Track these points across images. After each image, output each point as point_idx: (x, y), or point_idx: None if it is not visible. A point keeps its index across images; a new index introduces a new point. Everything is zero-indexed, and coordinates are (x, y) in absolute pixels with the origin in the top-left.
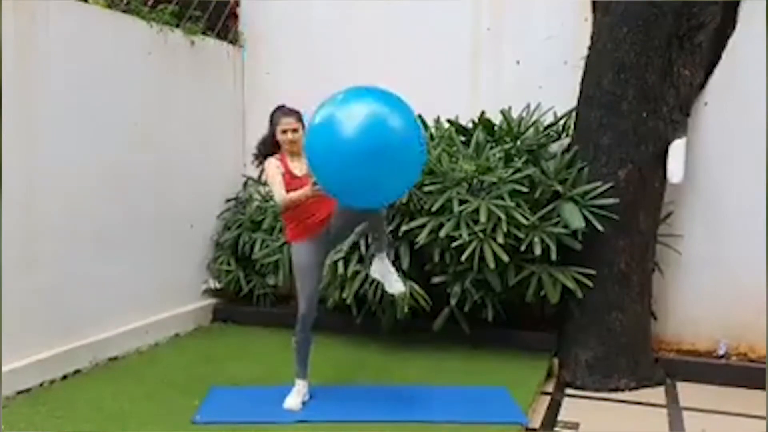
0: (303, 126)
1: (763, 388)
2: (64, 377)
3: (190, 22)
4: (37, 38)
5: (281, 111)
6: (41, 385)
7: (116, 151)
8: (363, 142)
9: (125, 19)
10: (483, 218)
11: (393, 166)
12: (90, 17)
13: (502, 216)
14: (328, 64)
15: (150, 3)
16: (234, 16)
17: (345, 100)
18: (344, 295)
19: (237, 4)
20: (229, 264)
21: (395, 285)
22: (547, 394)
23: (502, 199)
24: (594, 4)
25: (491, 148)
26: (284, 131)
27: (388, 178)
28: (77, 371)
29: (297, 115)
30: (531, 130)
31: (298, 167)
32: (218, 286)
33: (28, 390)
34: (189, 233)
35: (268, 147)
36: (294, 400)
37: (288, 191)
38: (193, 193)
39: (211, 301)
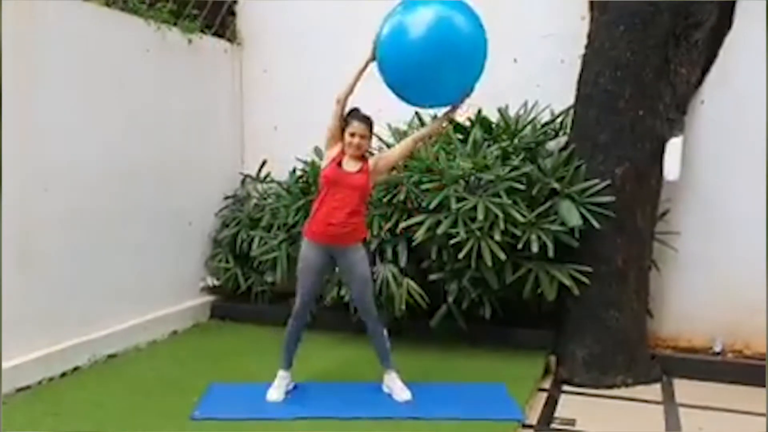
0: (371, 136)
1: (758, 384)
2: (63, 374)
3: (188, 20)
4: (35, 37)
5: (356, 115)
6: (40, 382)
7: (114, 149)
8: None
9: (123, 17)
10: (480, 216)
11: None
12: (88, 16)
13: (500, 214)
14: (326, 61)
15: (148, 1)
16: (232, 14)
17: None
18: (341, 293)
19: (235, 2)
20: (227, 261)
21: (401, 395)
22: (544, 390)
23: (500, 196)
24: (591, 3)
25: (489, 146)
26: (353, 134)
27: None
28: (76, 368)
29: (370, 124)
30: (528, 128)
31: (351, 164)
32: (216, 283)
33: (27, 387)
34: (187, 231)
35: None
36: (275, 392)
37: (325, 176)
38: (191, 190)
39: (209, 298)
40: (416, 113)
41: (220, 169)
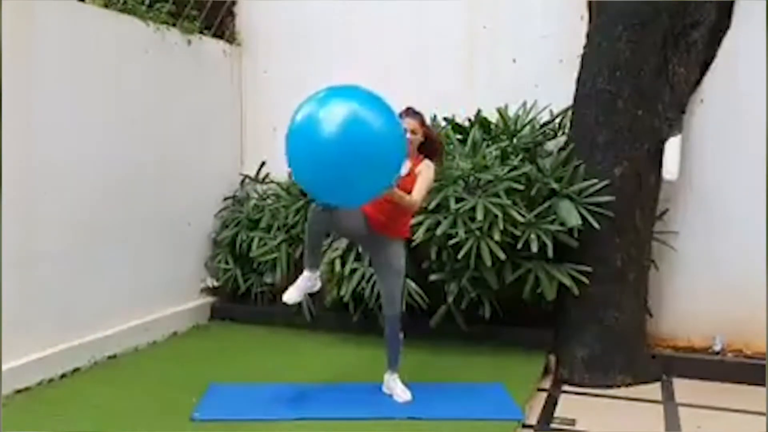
0: (422, 131)
1: (758, 383)
2: (63, 376)
3: (187, 21)
4: (34, 38)
5: (406, 111)
6: (40, 383)
7: (114, 150)
8: (340, 143)
9: (122, 18)
10: (480, 216)
11: (369, 167)
12: (87, 17)
13: (499, 214)
14: (325, 62)
15: (147, 2)
16: (231, 14)
17: (324, 99)
18: (342, 293)
19: (234, 3)
20: (227, 262)
21: (402, 396)
22: (543, 390)
23: (499, 196)
24: (590, 3)
25: (488, 146)
26: (404, 130)
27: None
28: (76, 370)
29: (420, 118)
30: (527, 128)
31: (404, 166)
32: (216, 284)
33: (27, 389)
34: (187, 231)
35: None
36: (294, 291)
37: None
38: (190, 191)
39: (209, 299)
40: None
41: (219, 170)
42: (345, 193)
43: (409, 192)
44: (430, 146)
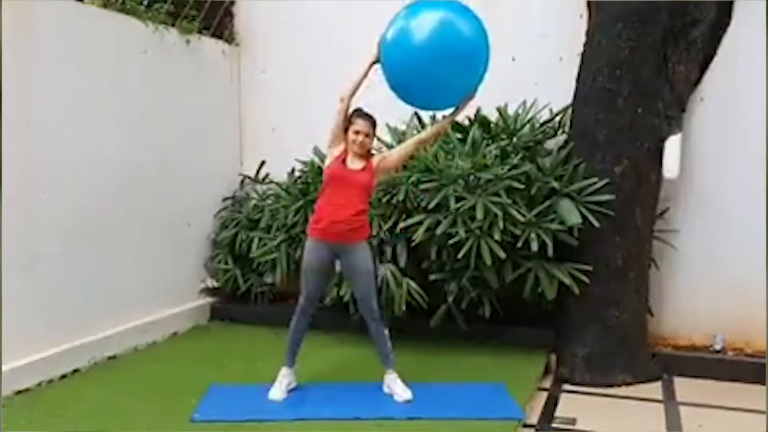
0: (374, 135)
1: (759, 382)
2: (63, 377)
3: (186, 21)
4: (33, 38)
5: (360, 113)
6: (40, 384)
7: (113, 151)
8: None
9: (121, 18)
10: (479, 215)
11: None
12: (86, 17)
13: (499, 213)
14: (324, 62)
15: (146, 2)
16: (229, 14)
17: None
18: (341, 293)
19: (232, 3)
20: (226, 263)
21: (402, 395)
22: (544, 390)
23: (499, 196)
24: (589, 2)
25: (487, 145)
26: (357, 132)
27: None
28: (76, 371)
29: (373, 122)
30: (527, 127)
31: (355, 163)
32: (216, 284)
33: (27, 390)
34: (186, 232)
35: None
36: (277, 391)
37: (330, 175)
38: (190, 191)
39: (208, 299)
40: (415, 113)
41: (218, 171)
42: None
43: (368, 189)
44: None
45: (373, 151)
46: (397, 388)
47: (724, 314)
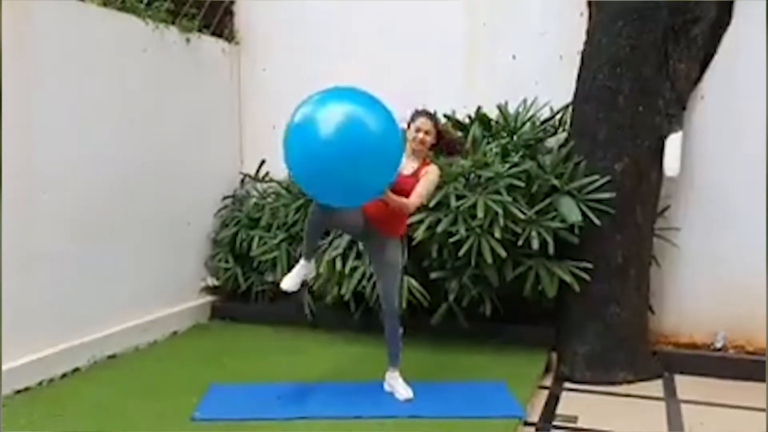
0: (437, 131)
1: (760, 380)
2: (63, 376)
3: (186, 20)
4: (32, 37)
5: (420, 112)
6: (40, 384)
7: (112, 149)
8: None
9: (120, 16)
10: (480, 213)
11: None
12: (85, 16)
13: (499, 211)
14: (324, 60)
15: (145, 0)
16: (230, 13)
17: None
18: (342, 292)
19: (232, 1)
20: (227, 261)
21: (403, 394)
22: (545, 388)
23: (499, 194)
24: (589, 0)
25: (488, 143)
26: (418, 129)
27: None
28: (76, 370)
29: (434, 119)
30: (527, 124)
31: (408, 165)
32: (216, 283)
33: (27, 389)
34: (187, 231)
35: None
36: (290, 279)
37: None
38: (190, 190)
39: (209, 298)
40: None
41: (218, 169)
42: (341, 194)
43: (409, 193)
44: (449, 146)
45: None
46: (398, 386)
47: (725, 312)
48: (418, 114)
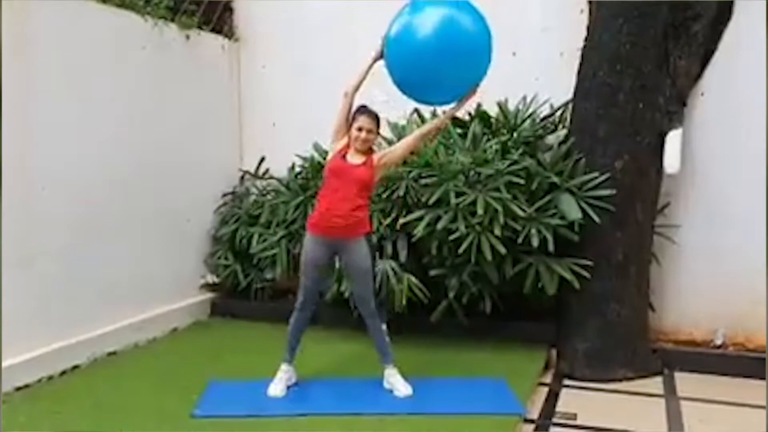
0: (378, 132)
1: (760, 377)
2: (63, 373)
3: (186, 16)
4: (31, 35)
5: (364, 110)
6: (40, 381)
7: (112, 146)
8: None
9: (120, 13)
10: (480, 210)
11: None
12: (84, 12)
13: (499, 208)
14: (324, 57)
15: None
16: (229, 9)
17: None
18: (342, 289)
19: None
20: (226, 258)
21: (403, 390)
22: (545, 385)
23: (499, 191)
24: None
25: (488, 140)
26: (360, 128)
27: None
28: (76, 367)
29: (377, 119)
30: (527, 122)
31: (356, 158)
32: (216, 280)
33: (26, 386)
34: (186, 228)
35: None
36: (276, 387)
37: (330, 169)
38: (189, 187)
39: (209, 295)
40: (415, 110)
41: (218, 166)
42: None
43: (367, 184)
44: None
45: (374, 147)
46: (397, 383)
47: (725, 309)
48: (359, 112)
